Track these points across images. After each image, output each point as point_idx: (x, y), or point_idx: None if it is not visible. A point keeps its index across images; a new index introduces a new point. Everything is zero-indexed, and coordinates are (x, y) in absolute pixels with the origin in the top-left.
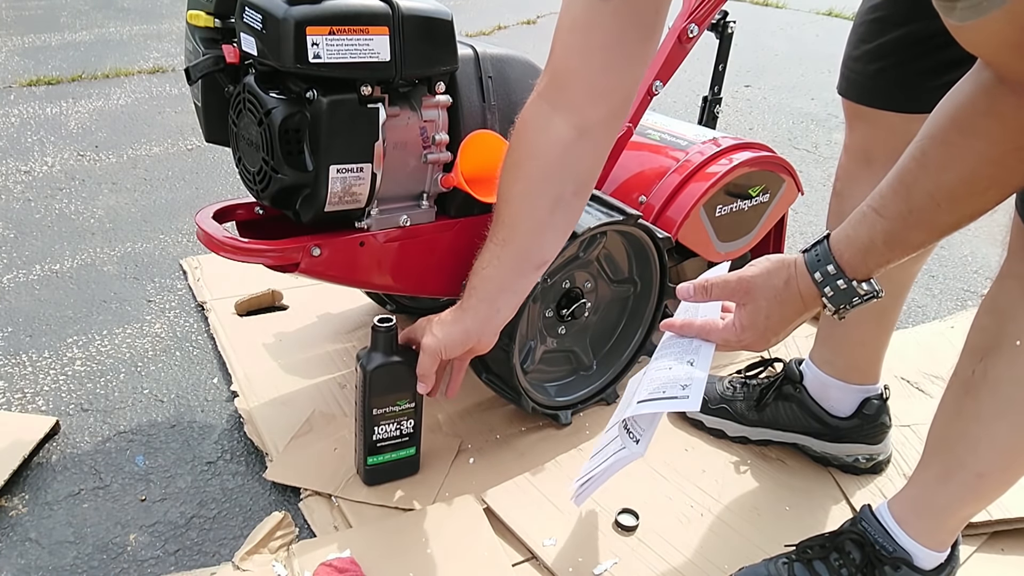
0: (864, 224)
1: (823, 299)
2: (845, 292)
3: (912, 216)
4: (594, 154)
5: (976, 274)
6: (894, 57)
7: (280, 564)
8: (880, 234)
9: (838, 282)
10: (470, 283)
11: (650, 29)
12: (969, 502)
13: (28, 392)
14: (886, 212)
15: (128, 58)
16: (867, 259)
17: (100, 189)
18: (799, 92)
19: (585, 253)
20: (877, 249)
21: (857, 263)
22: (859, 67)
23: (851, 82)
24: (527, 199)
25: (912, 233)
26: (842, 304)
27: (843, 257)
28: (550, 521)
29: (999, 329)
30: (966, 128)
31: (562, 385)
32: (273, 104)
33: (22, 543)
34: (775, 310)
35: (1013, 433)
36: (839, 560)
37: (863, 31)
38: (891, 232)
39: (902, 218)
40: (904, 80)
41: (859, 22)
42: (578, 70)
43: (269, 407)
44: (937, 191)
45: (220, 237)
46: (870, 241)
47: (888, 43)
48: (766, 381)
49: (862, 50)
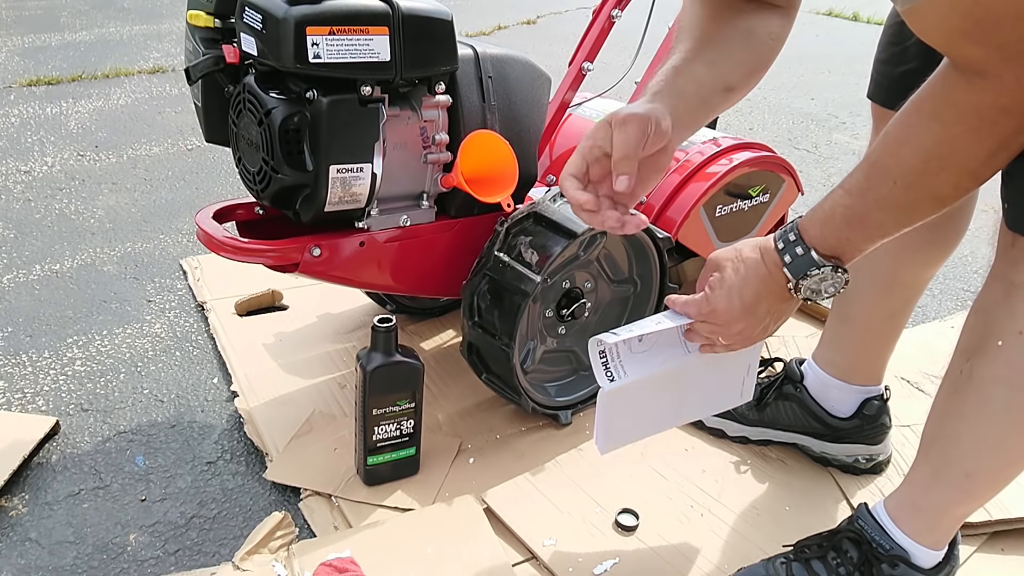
0: (829, 198)
1: (784, 270)
2: (803, 260)
3: (870, 193)
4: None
5: (976, 274)
6: (918, 61)
7: (280, 564)
8: (840, 208)
9: (796, 249)
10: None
11: None
12: (961, 501)
13: (28, 392)
14: (848, 187)
15: (128, 58)
16: (825, 231)
17: (100, 189)
18: (799, 92)
19: (585, 253)
20: (836, 223)
21: (816, 234)
22: (886, 70)
23: (878, 85)
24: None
25: (872, 212)
26: (800, 273)
27: (804, 228)
28: (550, 521)
29: (984, 329)
30: (922, 109)
31: (562, 385)
32: (273, 104)
33: (22, 543)
34: (739, 267)
35: (998, 432)
36: (837, 559)
37: (891, 34)
38: (851, 208)
39: (862, 194)
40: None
41: (888, 25)
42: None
43: (269, 407)
44: (894, 167)
45: (220, 237)
46: (830, 211)
47: (912, 46)
48: (767, 381)
49: (889, 53)
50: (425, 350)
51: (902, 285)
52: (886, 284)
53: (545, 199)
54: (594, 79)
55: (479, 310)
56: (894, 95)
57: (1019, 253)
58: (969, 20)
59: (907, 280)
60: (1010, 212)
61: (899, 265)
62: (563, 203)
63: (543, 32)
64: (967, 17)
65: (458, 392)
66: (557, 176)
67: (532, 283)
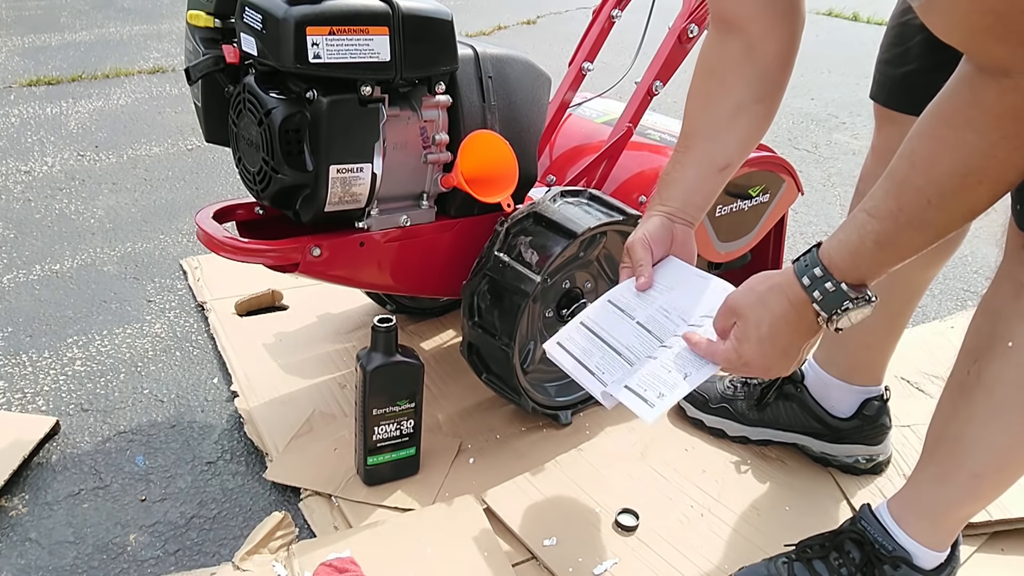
0: (854, 226)
1: (814, 305)
2: (835, 295)
3: (903, 214)
4: (764, 65)
5: (976, 274)
6: (920, 61)
7: (280, 564)
8: (871, 235)
9: (826, 284)
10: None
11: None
12: (966, 503)
13: (28, 392)
14: (876, 212)
15: (128, 58)
16: (857, 261)
17: (100, 189)
18: (799, 92)
19: (585, 253)
20: (867, 250)
21: (847, 266)
22: (889, 71)
23: (881, 85)
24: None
25: (904, 233)
26: (833, 309)
27: (832, 260)
28: (550, 521)
29: (992, 330)
30: (952, 121)
31: (562, 385)
32: (273, 104)
33: (22, 543)
34: (764, 315)
35: (1007, 434)
36: (839, 559)
37: (893, 35)
38: (882, 233)
39: (892, 217)
40: (930, 84)
41: (891, 26)
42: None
43: (269, 407)
44: (927, 186)
45: (220, 237)
46: (860, 242)
47: (915, 47)
48: (767, 381)
49: (892, 53)
50: (425, 350)
51: (903, 285)
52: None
53: (545, 199)
54: (594, 79)
55: (479, 310)
56: (897, 95)
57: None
58: (991, 16)
59: (908, 280)
60: (1022, 212)
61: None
62: (563, 203)
63: (543, 32)
64: (988, 13)
65: (458, 392)
66: (557, 176)
67: (532, 283)
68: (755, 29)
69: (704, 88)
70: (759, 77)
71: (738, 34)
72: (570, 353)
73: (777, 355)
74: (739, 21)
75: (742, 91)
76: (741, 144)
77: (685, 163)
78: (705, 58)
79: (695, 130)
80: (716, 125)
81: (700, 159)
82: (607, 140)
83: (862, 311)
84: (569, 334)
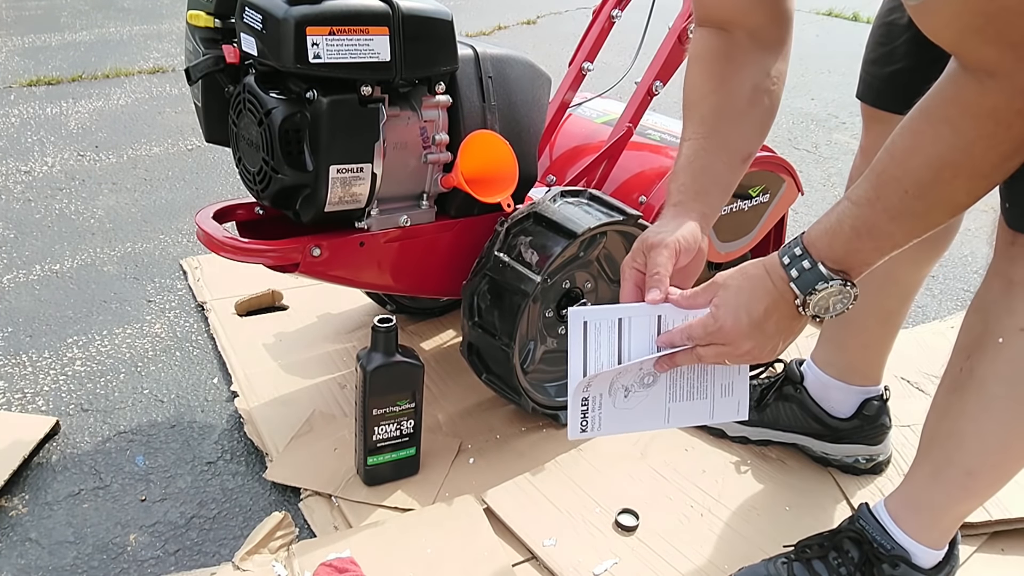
0: (835, 210)
1: (791, 285)
2: (811, 273)
3: (880, 202)
4: (769, 47)
5: (976, 274)
6: (906, 60)
7: (280, 564)
8: (848, 219)
9: (803, 263)
10: (672, 184)
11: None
12: (962, 499)
13: (28, 392)
14: (855, 199)
15: (128, 58)
16: (833, 243)
17: (100, 189)
18: (799, 92)
19: (585, 253)
20: (844, 234)
21: (823, 246)
22: (875, 70)
23: (868, 85)
24: (723, 87)
25: (881, 221)
26: (808, 288)
27: (811, 241)
28: (550, 521)
29: (984, 327)
30: (932, 115)
31: (562, 385)
32: (273, 104)
33: (22, 543)
34: (744, 284)
35: (999, 430)
36: (838, 559)
37: (879, 34)
38: (859, 218)
39: (870, 204)
40: (917, 83)
41: (876, 25)
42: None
43: (269, 407)
44: (904, 177)
45: (220, 237)
46: (838, 225)
47: (901, 46)
48: (767, 381)
49: (878, 53)
50: (425, 350)
51: (897, 284)
52: (882, 284)
53: (545, 199)
54: (594, 79)
55: (479, 310)
56: (884, 95)
57: (1019, 251)
58: (981, 18)
59: (902, 279)
60: (1011, 211)
61: (894, 264)
62: (563, 203)
63: (543, 32)
64: (979, 14)
65: (458, 392)
66: (557, 176)
67: (532, 283)
68: (751, 22)
69: (718, 72)
70: (771, 56)
71: (734, 29)
72: (586, 338)
73: (752, 327)
74: (736, 19)
75: (757, 71)
76: (758, 131)
77: (709, 150)
78: (707, 48)
79: (715, 112)
80: (736, 108)
81: (723, 146)
82: (607, 140)
83: (838, 297)
84: (598, 320)
